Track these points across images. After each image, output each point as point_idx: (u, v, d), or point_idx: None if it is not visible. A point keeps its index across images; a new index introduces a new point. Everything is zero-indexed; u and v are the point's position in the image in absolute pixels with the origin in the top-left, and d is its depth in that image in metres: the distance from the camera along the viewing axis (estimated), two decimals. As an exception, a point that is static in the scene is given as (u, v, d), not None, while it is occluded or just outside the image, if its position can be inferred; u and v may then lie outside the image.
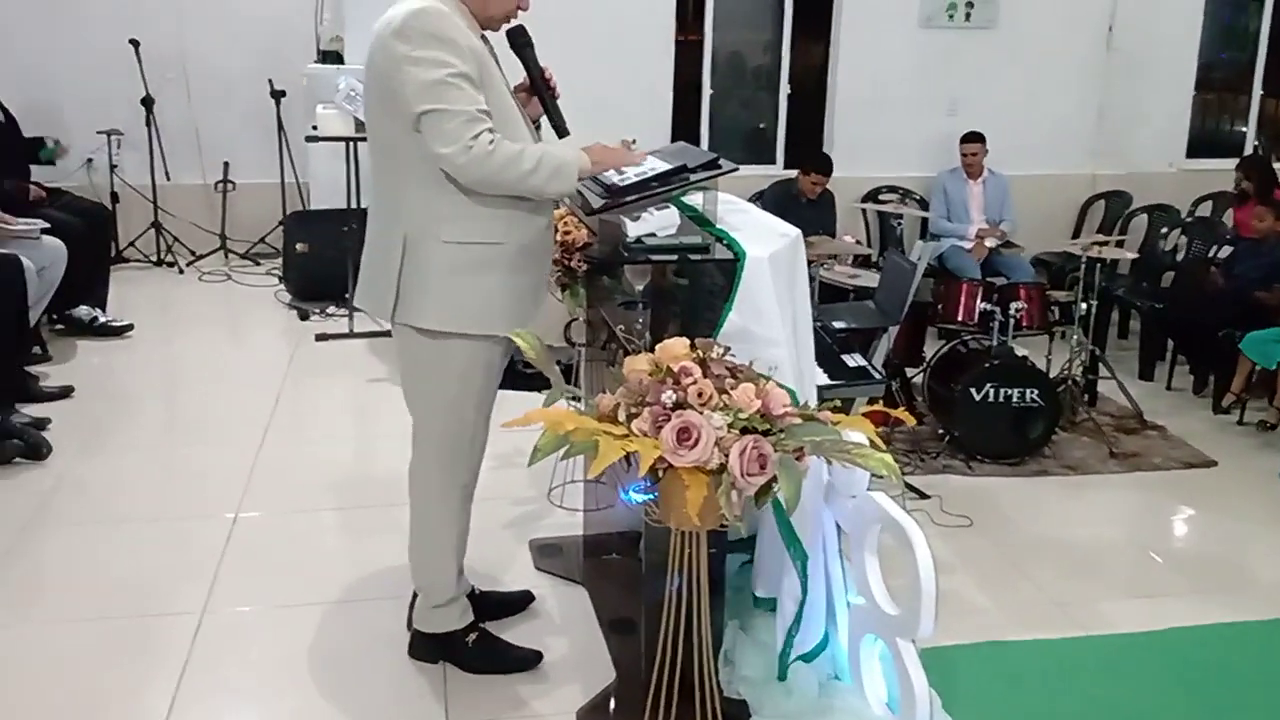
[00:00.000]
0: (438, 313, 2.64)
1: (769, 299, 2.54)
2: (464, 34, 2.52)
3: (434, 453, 2.79)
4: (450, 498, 2.85)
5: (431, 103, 2.44)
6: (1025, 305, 4.83)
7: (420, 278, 2.62)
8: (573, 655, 3.05)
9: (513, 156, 2.47)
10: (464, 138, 2.43)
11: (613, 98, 6.75)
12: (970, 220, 6.74)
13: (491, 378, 2.79)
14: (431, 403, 2.75)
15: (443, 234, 2.59)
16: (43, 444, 4.22)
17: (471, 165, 2.46)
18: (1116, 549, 3.99)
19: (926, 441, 4.75)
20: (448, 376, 2.70)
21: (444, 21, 2.49)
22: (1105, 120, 7.70)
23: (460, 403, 2.74)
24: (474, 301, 2.63)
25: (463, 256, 2.60)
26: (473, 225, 2.59)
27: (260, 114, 7.21)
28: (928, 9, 7.38)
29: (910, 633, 2.40)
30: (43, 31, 6.91)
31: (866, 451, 2.11)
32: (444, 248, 2.59)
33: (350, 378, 5.37)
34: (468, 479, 2.86)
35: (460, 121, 2.44)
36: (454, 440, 2.78)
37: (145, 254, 7.30)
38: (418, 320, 2.65)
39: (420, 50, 2.45)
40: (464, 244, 2.59)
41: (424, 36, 2.46)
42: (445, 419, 2.75)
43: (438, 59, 2.45)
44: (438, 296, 2.62)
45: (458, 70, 2.46)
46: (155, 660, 3.01)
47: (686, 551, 2.23)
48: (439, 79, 2.44)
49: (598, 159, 2.61)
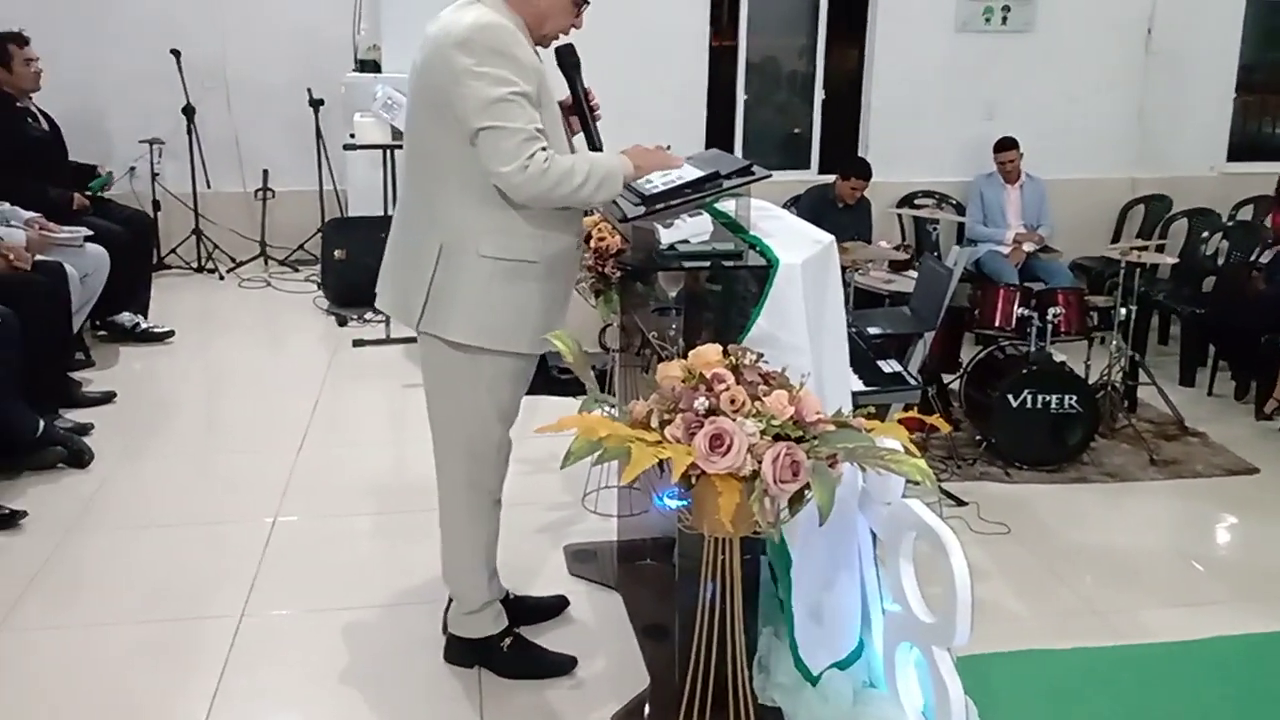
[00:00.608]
0: (467, 326, 2.65)
1: (798, 306, 2.53)
2: (527, 51, 2.54)
3: (458, 463, 2.81)
4: (477, 507, 2.86)
5: (490, 120, 2.45)
6: (1063, 310, 4.79)
7: (452, 289, 2.63)
8: (607, 661, 3.06)
9: (565, 173, 2.48)
10: (520, 157, 2.44)
11: (647, 103, 6.76)
12: (1008, 225, 6.69)
13: (518, 389, 2.81)
14: (455, 414, 2.76)
15: (481, 247, 2.60)
16: (85, 451, 4.28)
17: (527, 184, 2.47)
18: (1156, 557, 3.95)
19: (964, 448, 4.72)
20: (474, 389, 2.72)
21: (509, 38, 2.51)
22: (1145, 123, 7.62)
23: (485, 414, 2.75)
24: (504, 318, 2.64)
25: (498, 272, 2.61)
26: (511, 242, 2.61)
27: (299, 123, 7.29)
28: (964, 12, 7.33)
29: (946, 640, 2.39)
30: (86, 43, 7.02)
31: (900, 457, 2.10)
32: (480, 261, 2.60)
33: (387, 383, 5.41)
34: (494, 487, 2.88)
35: (518, 141, 2.45)
36: (479, 450, 2.79)
37: (186, 261, 7.40)
38: (446, 332, 2.66)
39: (484, 65, 2.46)
40: (500, 259, 2.61)
41: (488, 52, 2.47)
42: (469, 430, 2.76)
43: (500, 76, 2.46)
44: (468, 309, 2.63)
45: (519, 89, 2.47)
46: (194, 663, 3.05)
47: (720, 558, 2.23)
48: (500, 96, 2.45)
49: (640, 163, 2.63)
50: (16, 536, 3.70)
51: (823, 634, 2.70)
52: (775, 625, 2.80)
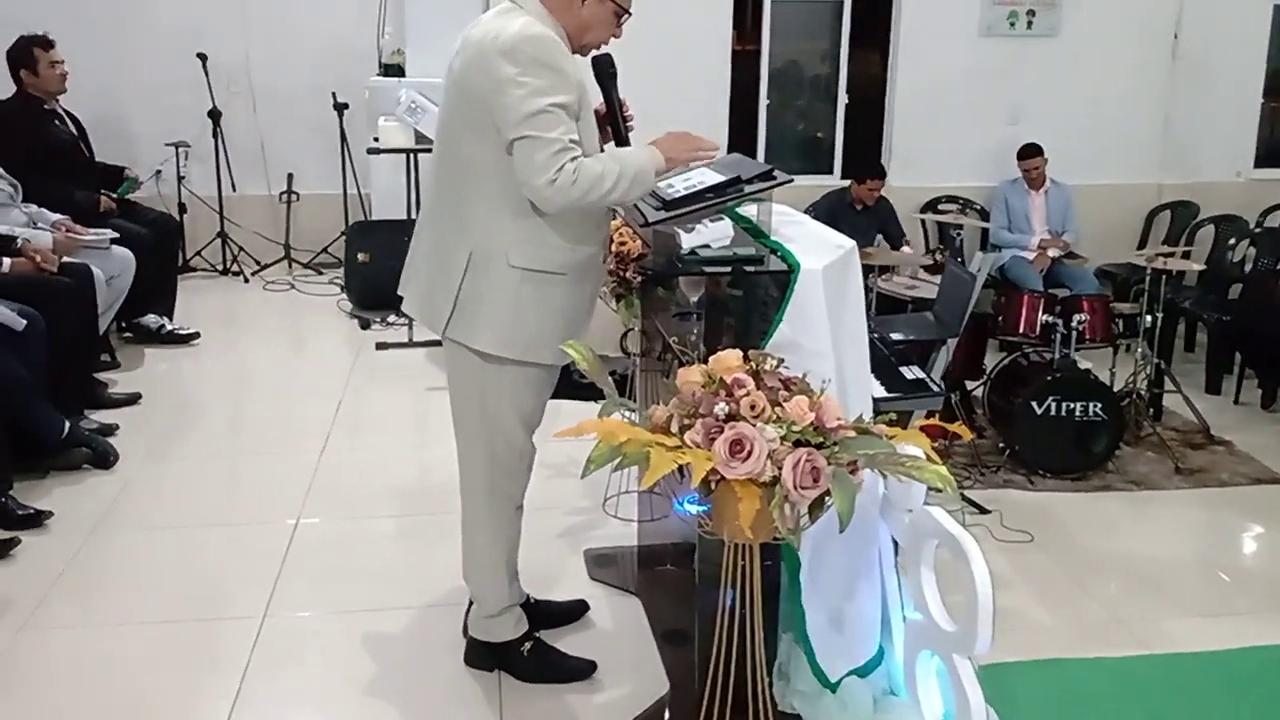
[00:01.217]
0: (493, 336, 2.65)
1: (820, 311, 2.53)
2: (571, 63, 2.54)
3: (481, 469, 2.81)
4: (499, 512, 2.87)
5: (527, 130, 2.44)
6: (1088, 317, 4.76)
7: (479, 297, 2.63)
8: (626, 666, 3.05)
9: (595, 179, 2.47)
10: (550, 170, 2.43)
11: (669, 107, 6.74)
12: (1032, 231, 6.66)
13: (542, 396, 2.81)
14: (480, 420, 2.76)
15: (511, 257, 2.60)
16: (110, 452, 4.32)
17: (556, 195, 2.46)
18: (1181, 566, 3.91)
19: (987, 455, 4.69)
20: (499, 397, 2.72)
21: (555, 49, 2.50)
22: (1171, 129, 7.57)
23: (509, 422, 2.76)
24: (530, 329, 2.64)
25: (526, 282, 2.61)
26: (541, 252, 2.61)
27: (323, 126, 7.33)
28: (988, 17, 7.30)
29: (967, 649, 2.37)
30: (113, 47, 7.09)
31: (921, 464, 2.09)
32: (510, 271, 2.61)
33: (409, 386, 5.42)
34: (515, 493, 2.88)
35: (550, 153, 2.44)
36: (502, 457, 2.80)
37: (211, 263, 7.46)
38: (472, 340, 2.67)
39: (528, 75, 2.45)
40: (529, 270, 2.61)
41: (532, 62, 2.46)
42: (493, 436, 2.77)
43: (542, 86, 2.45)
44: (495, 319, 2.63)
45: (559, 100, 2.46)
46: (216, 664, 3.06)
47: (740, 564, 2.22)
48: (540, 108, 2.44)
49: (670, 153, 2.61)
50: (42, 536, 3.74)
51: (842, 641, 2.69)
52: (795, 632, 2.80)
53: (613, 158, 2.55)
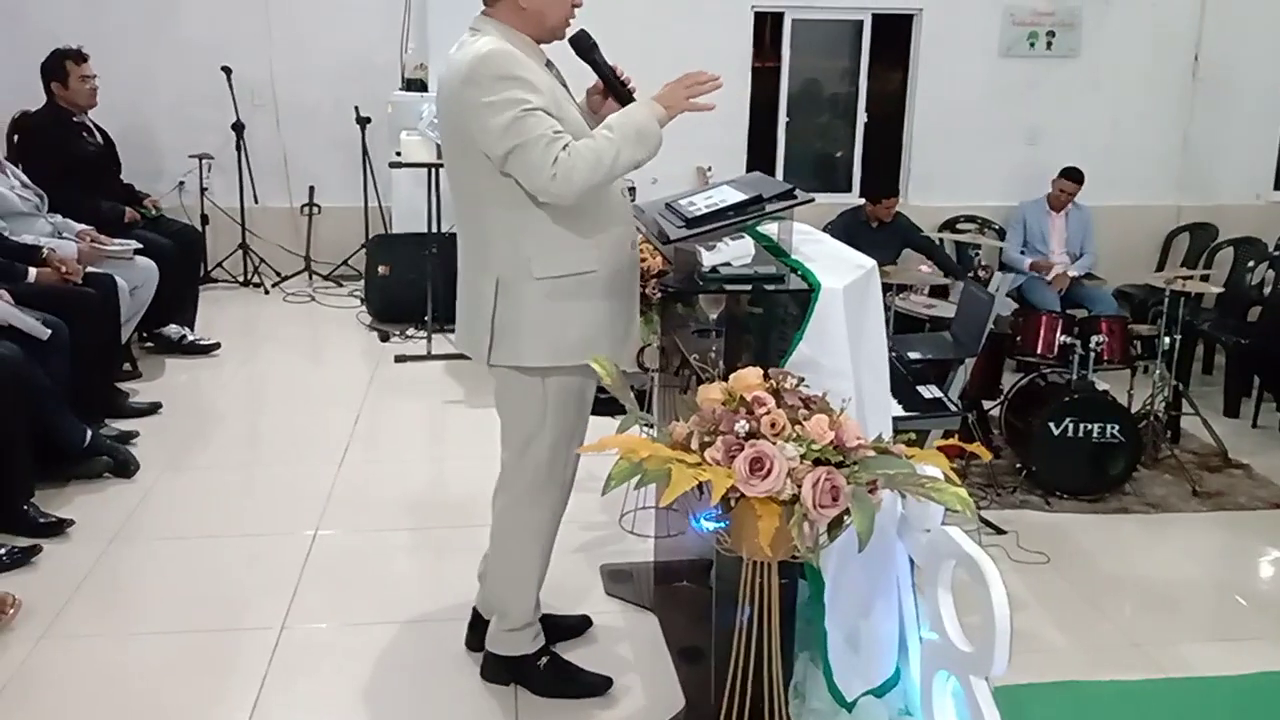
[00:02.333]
0: (535, 349, 2.67)
1: (840, 331, 2.54)
2: (533, 70, 2.55)
3: (528, 487, 2.82)
4: (542, 530, 2.88)
5: (512, 141, 2.47)
6: (1106, 338, 4.75)
7: (515, 318, 2.65)
8: (642, 682, 3.06)
9: (594, 155, 2.48)
10: (548, 164, 2.45)
11: (689, 124, 6.74)
12: (1050, 252, 6.66)
13: (585, 408, 2.83)
14: (529, 437, 2.77)
15: (535, 271, 2.62)
16: (131, 461, 4.35)
17: (565, 185, 2.47)
18: (1198, 590, 3.90)
19: (1003, 476, 4.69)
20: (544, 410, 2.73)
21: (509, 60, 2.52)
22: (1190, 151, 7.57)
23: (556, 436, 2.77)
24: (573, 332, 2.66)
25: (557, 290, 2.63)
26: (562, 258, 2.63)
27: (346, 140, 7.39)
28: (1008, 37, 7.33)
29: (983, 670, 2.37)
30: (141, 59, 7.16)
31: (941, 486, 2.10)
32: (537, 285, 2.63)
33: (428, 399, 5.45)
34: (559, 509, 2.89)
35: (541, 148, 2.46)
36: (549, 473, 2.81)
37: (232, 274, 7.51)
38: (516, 360, 2.69)
39: (492, 94, 2.48)
40: (557, 278, 2.63)
41: (493, 80, 2.49)
42: (542, 453, 2.78)
43: (510, 99, 2.47)
44: (535, 333, 2.66)
45: (531, 104, 2.48)
46: (234, 674, 3.08)
47: (758, 581, 2.23)
48: (515, 116, 2.47)
49: (669, 103, 2.59)
50: (63, 544, 3.76)
51: (858, 661, 2.70)
52: (811, 651, 2.80)
53: (605, 127, 2.54)
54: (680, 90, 2.61)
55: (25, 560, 3.60)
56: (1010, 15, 7.30)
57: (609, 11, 2.76)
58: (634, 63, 2.81)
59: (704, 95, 2.63)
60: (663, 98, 2.60)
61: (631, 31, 6.30)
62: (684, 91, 2.61)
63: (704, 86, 2.61)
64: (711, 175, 6.88)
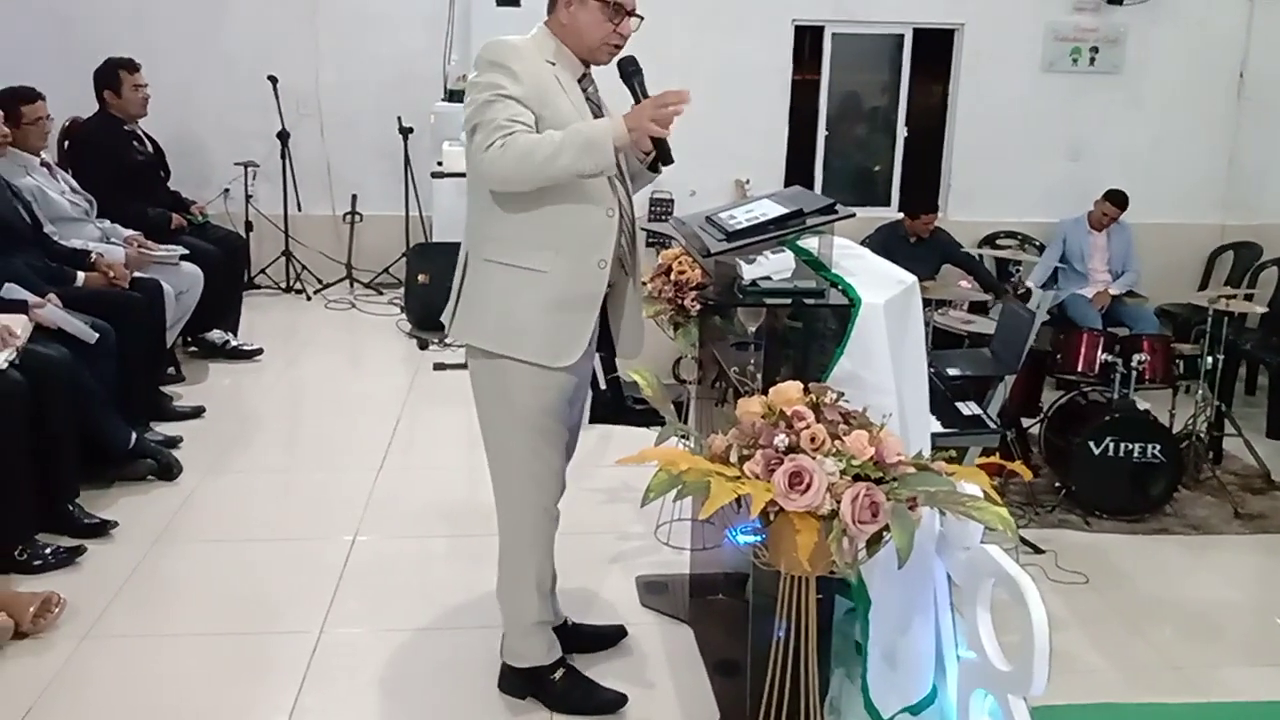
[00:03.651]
0: (479, 330, 2.74)
1: (881, 346, 2.54)
2: (526, 62, 2.61)
3: (503, 476, 2.86)
4: (525, 522, 2.87)
5: (474, 119, 2.58)
6: (1148, 357, 4.72)
7: (472, 295, 2.74)
8: (677, 695, 3.06)
9: (528, 148, 2.50)
10: (484, 145, 2.53)
11: (729, 137, 6.83)
12: (1091, 270, 6.61)
13: (547, 407, 2.77)
14: (495, 424, 2.83)
15: (485, 252, 2.71)
16: (174, 464, 4.41)
17: (490, 166, 2.53)
18: (1239, 613, 3.85)
19: (1043, 494, 4.66)
20: (499, 397, 2.78)
21: (506, 50, 2.62)
22: (1235, 169, 7.48)
23: (514, 425, 2.78)
24: (509, 324, 2.69)
25: (505, 278, 2.68)
26: (513, 248, 2.68)
27: (388, 149, 7.45)
28: (1051, 52, 7.29)
29: (1022, 690, 2.36)
30: (189, 68, 7.26)
31: (981, 505, 2.09)
32: (486, 266, 2.70)
33: (465, 407, 5.35)
34: (548, 503, 2.87)
35: (487, 132, 2.54)
36: (525, 466, 2.81)
37: (275, 281, 7.60)
38: (467, 336, 2.77)
39: (479, 76, 2.61)
40: (505, 265, 2.68)
41: (485, 65, 2.62)
42: (510, 443, 2.81)
43: (490, 82, 2.58)
44: (480, 314, 2.73)
45: (505, 91, 2.56)
46: (272, 677, 3.12)
47: (795, 596, 2.23)
48: (484, 100, 2.57)
49: (631, 122, 2.54)
50: (107, 545, 3.82)
51: (896, 678, 2.68)
52: (847, 666, 2.79)
53: (560, 131, 2.54)
54: (646, 111, 2.56)
55: (70, 560, 3.66)
56: (1053, 31, 7.26)
57: (651, 25, 2.77)
58: (676, 76, 2.82)
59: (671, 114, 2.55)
60: (629, 117, 2.59)
61: (674, 45, 6.35)
62: (649, 113, 2.55)
63: (671, 110, 2.54)
64: (750, 188, 6.89)
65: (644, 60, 2.76)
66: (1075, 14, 7.25)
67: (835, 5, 7.23)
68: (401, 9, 7.44)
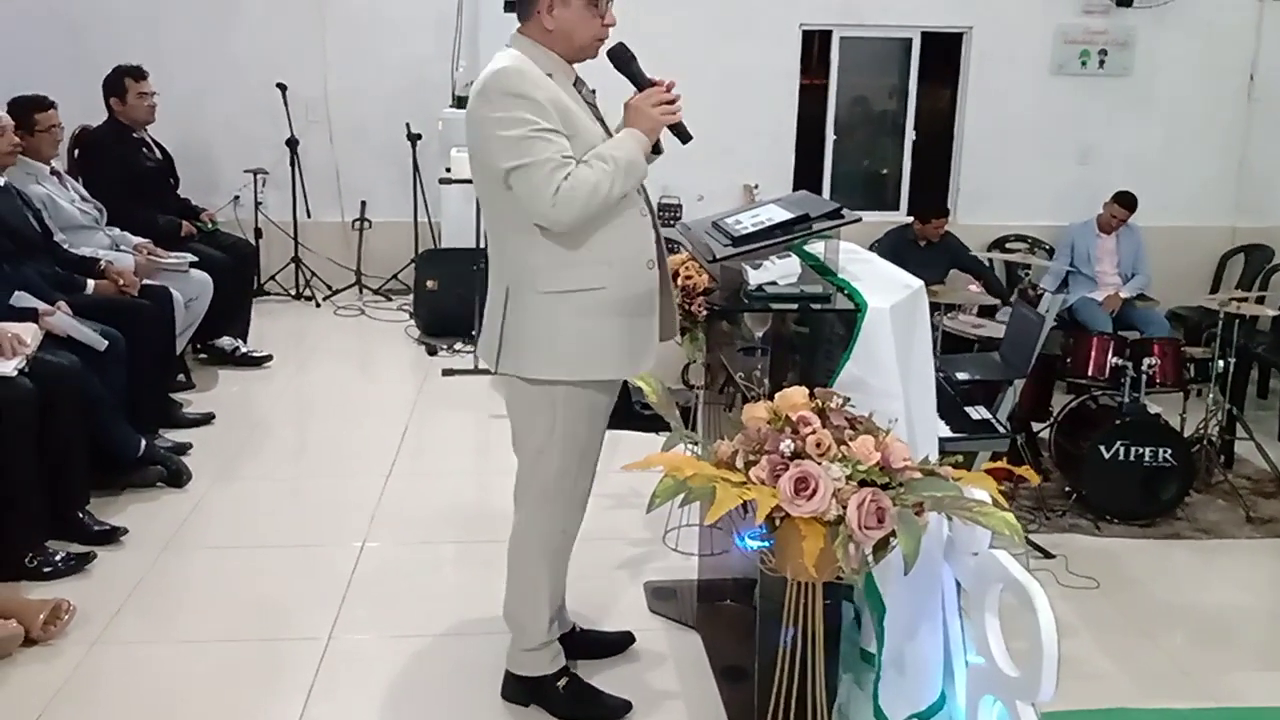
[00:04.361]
0: (539, 361, 2.69)
1: (888, 351, 2.53)
2: (543, 88, 2.56)
3: (536, 500, 2.83)
4: (549, 546, 2.87)
5: (517, 160, 2.50)
6: (1159, 361, 4.70)
7: (520, 328, 2.69)
8: (684, 701, 3.06)
9: (593, 186, 2.51)
10: (550, 189, 2.48)
11: (736, 142, 6.83)
12: (1100, 274, 6.58)
13: (596, 424, 2.82)
14: (536, 451, 2.79)
15: (539, 284, 2.65)
16: (184, 471, 4.42)
17: (563, 213, 2.51)
18: (1251, 618, 3.83)
19: (1053, 499, 4.64)
20: (552, 425, 2.74)
21: (521, 79, 2.54)
22: (1246, 171, 7.46)
23: (563, 451, 2.77)
24: (575, 347, 2.67)
25: (562, 305, 2.65)
26: (569, 274, 2.64)
27: (397, 156, 7.47)
28: (1060, 55, 7.28)
29: (1031, 696, 2.35)
30: (198, 76, 7.29)
31: (988, 510, 2.09)
32: (541, 298, 2.65)
33: (474, 413, 5.49)
34: (569, 526, 2.89)
35: (545, 173, 2.49)
36: (557, 488, 2.81)
37: (285, 288, 7.61)
38: (521, 370, 2.72)
39: (500, 110, 2.52)
40: (563, 293, 2.64)
41: (502, 95, 2.53)
42: (548, 465, 2.79)
43: (518, 117, 2.51)
44: (537, 345, 2.68)
45: (540, 126, 2.51)
46: (282, 684, 3.12)
47: (802, 602, 2.22)
48: (521, 135, 2.50)
49: (647, 128, 2.62)
50: (117, 552, 3.83)
51: (904, 684, 2.67)
52: (855, 673, 2.79)
53: (600, 158, 2.55)
54: (652, 114, 2.62)
55: (80, 567, 3.67)
56: (1062, 33, 7.25)
57: (659, 30, 2.79)
58: (683, 82, 2.82)
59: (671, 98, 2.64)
60: (637, 122, 2.62)
61: (680, 50, 6.34)
62: (656, 113, 2.62)
63: (670, 96, 2.63)
64: (758, 193, 6.89)
65: (651, 66, 2.74)
66: (1084, 16, 7.24)
67: (843, 9, 7.23)
68: (409, 16, 7.45)
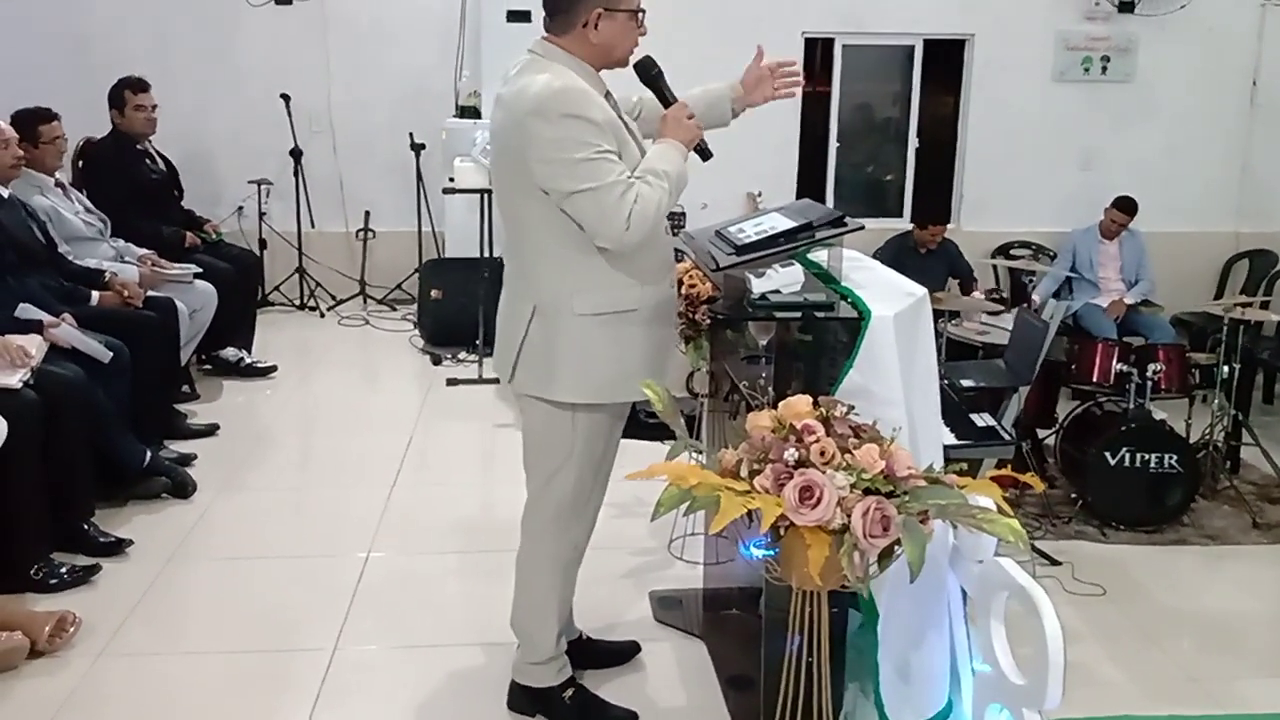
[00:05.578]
0: (567, 384, 2.67)
1: (891, 359, 2.53)
2: (599, 108, 2.55)
3: (551, 516, 2.83)
4: (561, 558, 2.87)
5: (582, 184, 2.48)
6: (1164, 367, 4.69)
7: (550, 349, 2.66)
8: (690, 710, 3.05)
9: (658, 203, 2.53)
10: (623, 213, 2.48)
11: (739, 149, 6.78)
12: (1104, 280, 6.58)
13: (613, 440, 2.84)
14: (554, 468, 2.78)
15: (576, 307, 2.63)
16: (188, 482, 4.42)
17: (636, 233, 2.50)
18: (1257, 624, 3.82)
19: (1058, 506, 4.63)
20: (572, 442, 2.74)
21: (581, 99, 2.52)
22: (1249, 177, 7.45)
23: (582, 468, 2.78)
24: (608, 370, 2.67)
25: (597, 326, 2.64)
26: (607, 296, 2.64)
27: (400, 166, 7.49)
28: (1062, 62, 7.28)
29: (1037, 703, 2.34)
30: (202, 88, 7.31)
31: (993, 517, 2.08)
32: (577, 320, 2.64)
33: (479, 423, 5.49)
34: (581, 540, 2.90)
35: (615, 197, 2.48)
36: (572, 504, 2.81)
37: (289, 298, 7.62)
38: (549, 393, 2.69)
39: (561, 131, 2.49)
40: (599, 315, 2.64)
41: (563, 118, 2.49)
42: (564, 483, 2.78)
43: (580, 139, 2.49)
44: (569, 368, 2.66)
45: (601, 148, 2.50)
46: (288, 694, 3.11)
47: (807, 610, 2.22)
48: (586, 158, 2.48)
49: (686, 140, 2.67)
50: (122, 563, 3.83)
51: (910, 692, 2.67)
52: (862, 681, 2.78)
53: (654, 174, 2.56)
54: (688, 125, 2.68)
55: (85, 579, 3.67)
56: (1064, 40, 7.26)
57: (660, 36, 2.78)
58: (685, 87, 2.84)
59: None
60: (676, 133, 2.66)
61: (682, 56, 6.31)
62: (690, 125, 2.68)
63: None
64: (762, 201, 6.89)
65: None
66: (1086, 23, 7.25)
67: (845, 17, 7.23)
68: (412, 26, 7.47)
